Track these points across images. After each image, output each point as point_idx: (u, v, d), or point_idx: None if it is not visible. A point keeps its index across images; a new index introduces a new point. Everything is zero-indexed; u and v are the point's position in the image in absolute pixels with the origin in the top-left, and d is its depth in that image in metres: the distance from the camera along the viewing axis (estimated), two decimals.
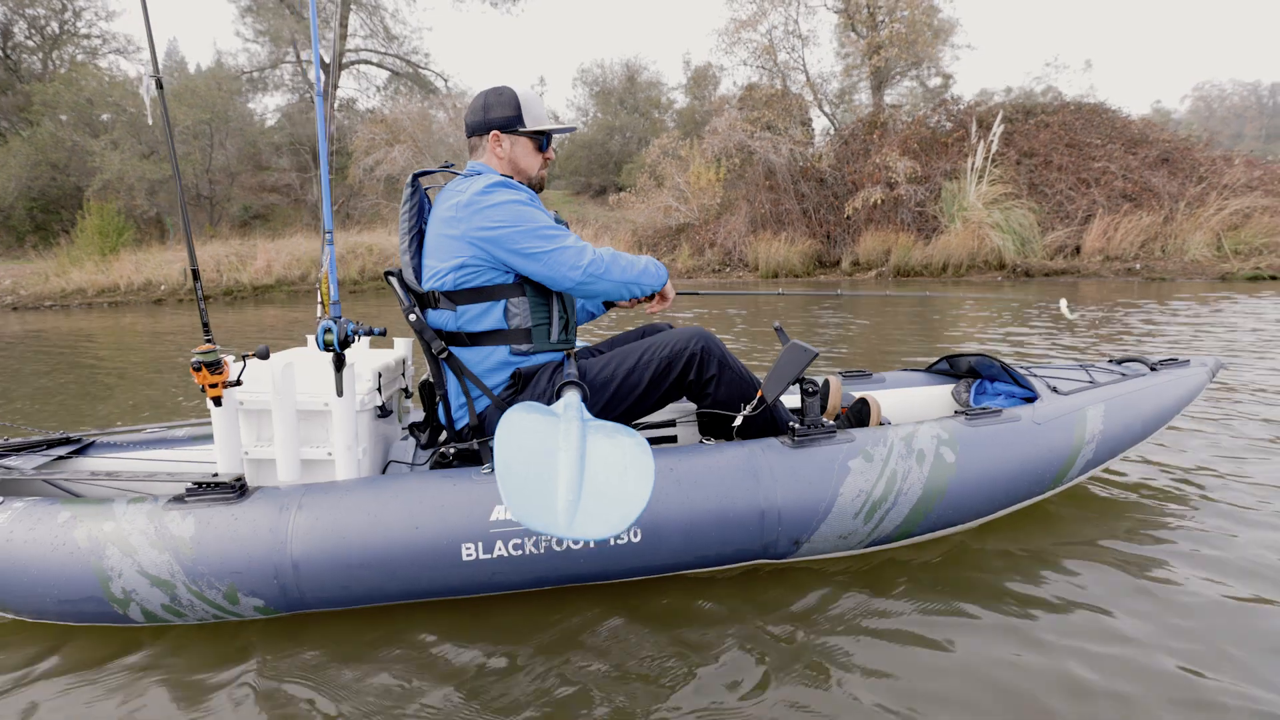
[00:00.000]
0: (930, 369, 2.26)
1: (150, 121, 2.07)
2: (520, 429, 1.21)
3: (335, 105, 20.58)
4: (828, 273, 11.07)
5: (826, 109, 13.21)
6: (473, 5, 21.22)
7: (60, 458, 1.73)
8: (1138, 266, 8.65)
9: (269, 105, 19.08)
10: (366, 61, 22.12)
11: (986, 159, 9.89)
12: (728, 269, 11.98)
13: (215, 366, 1.41)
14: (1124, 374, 1.95)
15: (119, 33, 19.78)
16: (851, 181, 11.27)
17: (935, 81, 15.90)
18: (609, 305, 1.93)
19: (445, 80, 21.98)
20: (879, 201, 10.53)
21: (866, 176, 10.82)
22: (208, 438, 1.84)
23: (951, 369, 2.19)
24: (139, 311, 10.66)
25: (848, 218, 10.93)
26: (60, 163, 13.93)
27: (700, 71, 21.81)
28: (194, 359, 1.39)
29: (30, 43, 17.68)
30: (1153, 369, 1.98)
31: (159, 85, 1.53)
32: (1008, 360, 2.24)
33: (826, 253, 11.47)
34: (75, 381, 4.59)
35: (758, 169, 11.67)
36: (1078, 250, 9.56)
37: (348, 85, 22.21)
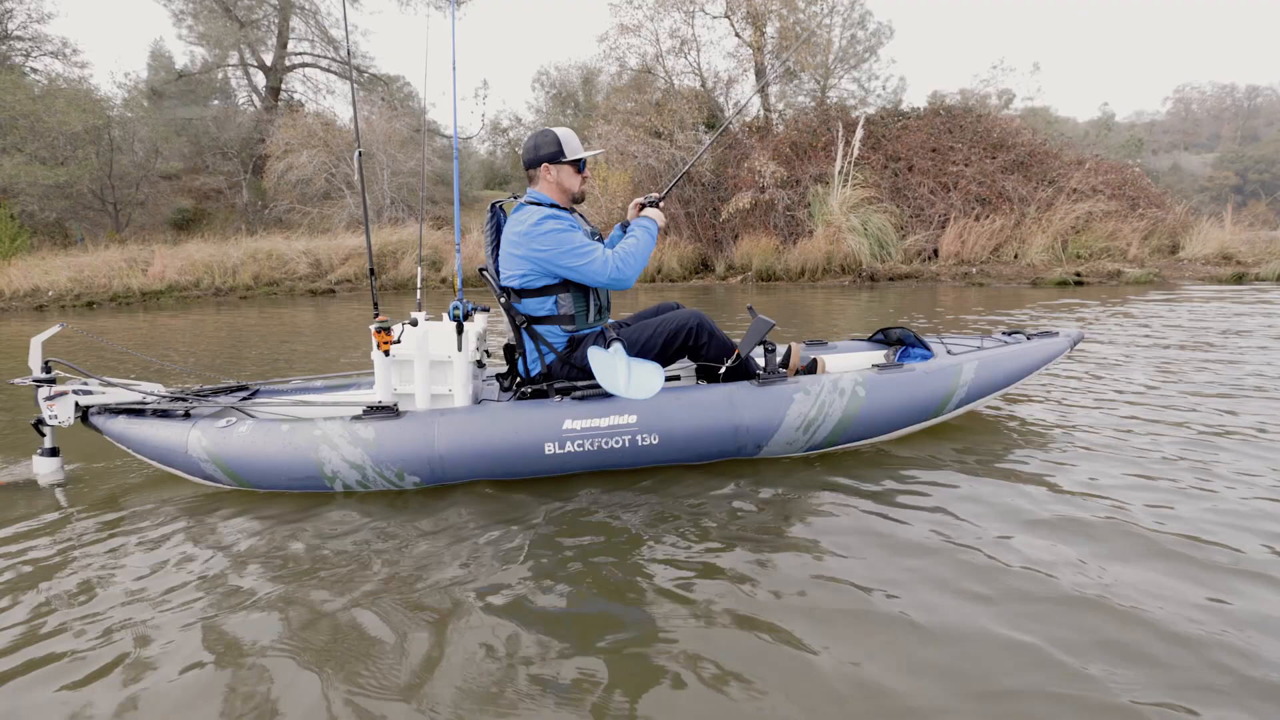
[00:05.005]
0: (871, 338, 2.96)
1: (356, 177, 2.51)
2: (600, 356, 2.12)
3: (270, 108, 20.55)
4: (703, 277, 11.11)
5: (723, 112, 13.21)
6: (419, 8, 21.12)
7: (245, 398, 2.48)
8: (974, 271, 8.69)
9: (204, 111, 18.87)
10: (311, 65, 22.12)
11: (849, 162, 9.92)
12: None
13: (388, 331, 2.15)
14: (1006, 341, 2.64)
15: (54, 35, 19.66)
16: (733, 185, 11.31)
17: (877, 85, 15.97)
18: None
19: (388, 84, 21.96)
20: (750, 206, 10.55)
21: (741, 181, 10.85)
22: (340, 387, 2.60)
23: (885, 338, 2.90)
24: (24, 318, 10.66)
25: (724, 221, 10.96)
26: None
27: (639, 76, 21.82)
28: (374, 325, 2.13)
29: None
30: (1029, 338, 2.65)
31: (360, 155, 2.31)
32: (936, 332, 3.08)
33: (711, 256, 11.51)
34: None
35: (640, 174, 11.70)
36: (936, 254, 9.60)
37: (293, 88, 22.22)
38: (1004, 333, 2.77)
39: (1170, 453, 2.28)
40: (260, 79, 21.42)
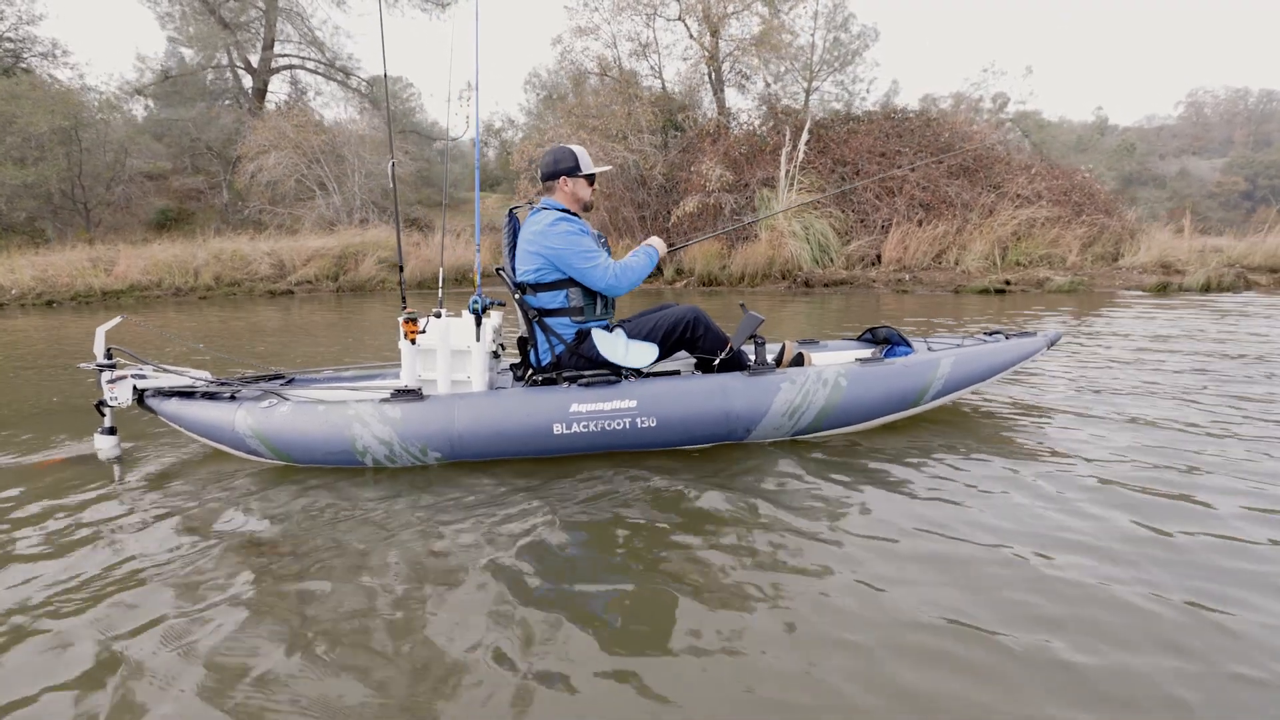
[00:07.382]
0: (859, 338, 3.10)
1: (391, 185, 2.79)
2: (603, 335, 2.45)
3: (255, 111, 20.71)
4: (652, 280, 11.03)
5: (680, 116, 13.12)
6: (406, 9, 21.24)
7: (284, 384, 2.72)
8: (906, 278, 8.54)
9: (186, 113, 19.05)
10: (299, 67, 22.30)
11: (794, 166, 9.81)
12: None
13: (415, 321, 2.38)
14: (986, 340, 2.80)
15: (44, 37, 19.92)
16: (685, 188, 11.23)
17: (861, 88, 15.76)
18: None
19: (371, 86, 22.07)
20: (697, 210, 10.46)
21: (690, 185, 10.77)
22: (369, 376, 2.84)
23: (873, 337, 3.04)
24: None
25: (673, 225, 10.88)
26: None
27: (601, 79, 21.74)
28: (402, 316, 2.37)
29: None
30: (1007, 337, 2.79)
31: (394, 167, 2.61)
32: (925, 333, 3.29)
33: (662, 260, 11.43)
34: None
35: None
36: (879, 259, 9.46)
37: (280, 89, 22.42)
38: (985, 333, 2.94)
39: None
40: (247, 80, 21.63)
